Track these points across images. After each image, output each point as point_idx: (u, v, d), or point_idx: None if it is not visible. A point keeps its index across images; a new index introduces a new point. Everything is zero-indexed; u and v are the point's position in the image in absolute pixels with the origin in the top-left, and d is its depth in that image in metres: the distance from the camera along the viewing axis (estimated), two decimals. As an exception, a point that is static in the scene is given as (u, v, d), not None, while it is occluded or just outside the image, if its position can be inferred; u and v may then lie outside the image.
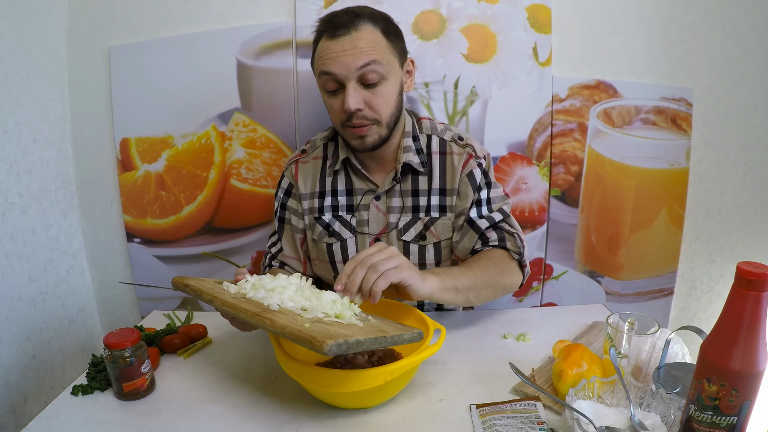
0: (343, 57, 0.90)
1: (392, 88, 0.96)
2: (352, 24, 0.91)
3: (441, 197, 1.04)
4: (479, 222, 1.02)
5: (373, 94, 0.93)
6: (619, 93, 1.33)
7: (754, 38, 1.31)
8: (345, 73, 0.91)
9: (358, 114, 0.93)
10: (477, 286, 0.92)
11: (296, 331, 0.65)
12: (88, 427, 0.75)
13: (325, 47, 0.92)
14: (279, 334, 0.67)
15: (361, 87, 0.93)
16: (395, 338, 0.70)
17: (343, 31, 0.90)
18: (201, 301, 0.80)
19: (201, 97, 1.31)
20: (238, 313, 0.73)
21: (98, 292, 1.45)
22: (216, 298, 0.77)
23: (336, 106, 0.95)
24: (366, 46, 0.91)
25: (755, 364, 0.56)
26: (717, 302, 1.50)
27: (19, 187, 1.16)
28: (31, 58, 1.19)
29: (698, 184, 1.40)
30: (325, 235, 1.07)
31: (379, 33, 0.93)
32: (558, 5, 1.27)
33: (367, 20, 0.92)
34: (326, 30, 0.93)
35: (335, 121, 0.99)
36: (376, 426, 0.74)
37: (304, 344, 0.63)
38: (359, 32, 0.91)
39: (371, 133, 0.96)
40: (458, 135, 1.06)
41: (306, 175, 1.09)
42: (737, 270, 0.56)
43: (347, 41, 0.90)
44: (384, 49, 0.93)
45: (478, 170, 1.03)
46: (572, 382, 0.75)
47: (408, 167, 1.03)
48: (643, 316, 0.78)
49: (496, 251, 1.00)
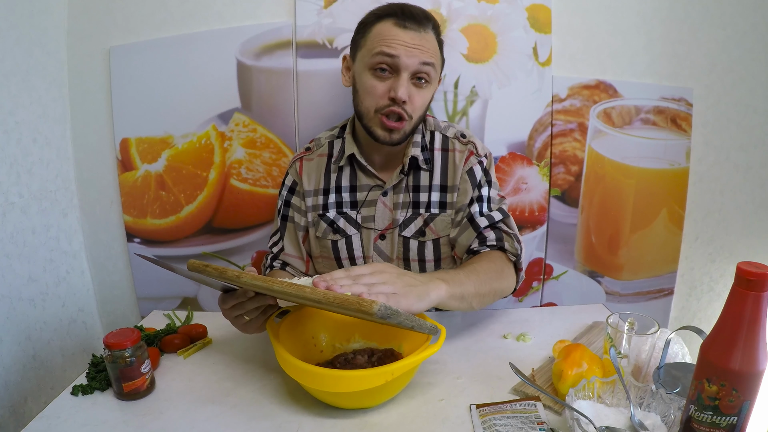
0: (411, 48, 0.93)
1: (430, 93, 1.00)
2: (422, 24, 0.94)
3: (441, 194, 1.04)
4: (479, 220, 1.01)
5: (418, 93, 0.96)
6: (619, 93, 1.33)
7: (754, 38, 1.31)
8: (408, 62, 0.93)
9: (402, 105, 0.95)
10: (480, 293, 0.91)
11: (341, 296, 0.64)
12: (88, 427, 0.75)
13: (391, 31, 0.93)
14: (320, 303, 0.65)
15: (411, 82, 0.95)
16: (420, 323, 0.72)
17: (414, 26, 0.93)
18: (222, 281, 0.76)
19: (201, 97, 1.31)
20: (272, 285, 0.69)
21: (98, 292, 1.45)
22: (244, 274, 0.73)
23: (380, 89, 0.95)
24: (431, 49, 0.95)
25: (755, 364, 0.56)
26: (717, 302, 1.50)
27: (19, 187, 1.16)
28: (31, 58, 1.19)
29: (698, 184, 1.40)
30: (330, 232, 1.07)
31: (436, 43, 0.98)
32: (558, 5, 1.27)
33: (432, 27, 0.97)
34: (395, 17, 0.94)
35: (370, 104, 0.97)
36: (376, 426, 0.74)
37: (349, 308, 0.62)
38: (427, 34, 0.95)
39: (401, 129, 0.97)
40: (461, 132, 1.07)
41: (310, 172, 1.09)
42: (737, 270, 0.56)
43: (416, 36, 0.93)
44: (438, 59, 0.99)
45: (479, 167, 1.04)
46: (572, 382, 0.75)
47: (413, 162, 1.04)
48: (643, 316, 0.78)
49: (495, 254, 1.00)
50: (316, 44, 1.27)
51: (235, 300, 0.82)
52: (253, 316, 0.85)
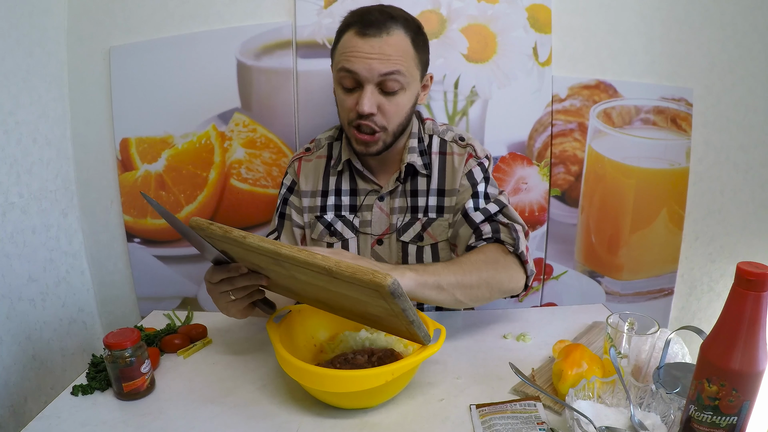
0: (369, 59, 0.88)
1: (408, 99, 0.95)
2: (385, 26, 0.88)
3: (439, 198, 1.03)
4: (474, 215, 0.98)
5: (389, 102, 0.92)
6: (619, 93, 1.33)
7: (754, 38, 1.31)
8: (367, 75, 0.89)
9: (369, 118, 0.92)
10: (466, 283, 0.87)
11: (354, 266, 0.62)
12: (88, 427, 0.75)
13: (351, 43, 0.90)
14: (332, 271, 0.63)
15: (379, 92, 0.92)
16: (419, 321, 0.71)
17: (374, 32, 0.88)
18: (228, 239, 0.71)
19: (201, 97, 1.31)
20: (280, 249, 0.66)
21: (98, 292, 1.45)
22: (251, 235, 0.69)
23: (348, 103, 0.94)
24: (394, 54, 0.89)
25: (755, 364, 0.56)
26: (717, 302, 1.50)
27: (19, 187, 1.16)
28: (31, 58, 1.19)
29: (698, 184, 1.40)
30: (326, 235, 1.07)
31: (409, 42, 0.91)
32: (558, 5, 1.27)
33: (400, 25, 0.90)
34: (356, 25, 0.90)
35: (343, 117, 0.97)
36: (376, 426, 0.74)
37: (362, 278, 0.61)
38: (390, 37, 0.89)
39: (376, 142, 0.96)
40: (459, 135, 1.05)
41: (308, 172, 1.09)
42: (737, 270, 0.56)
43: (376, 44, 0.88)
44: (410, 60, 0.92)
45: (478, 169, 1.02)
46: (572, 382, 0.75)
47: (411, 168, 1.03)
48: (643, 316, 0.78)
49: (490, 246, 0.95)
50: (316, 44, 1.27)
51: (225, 273, 0.79)
52: (239, 297, 0.82)
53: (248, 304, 0.84)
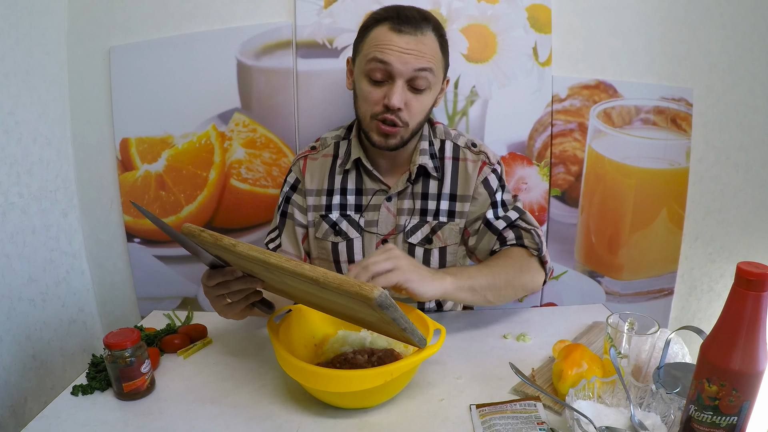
0: (405, 54, 0.90)
1: (431, 98, 0.97)
2: (419, 26, 0.91)
3: (451, 202, 1.04)
4: (496, 223, 1.03)
5: (415, 99, 0.94)
6: (619, 93, 1.33)
7: (754, 38, 1.31)
8: (402, 69, 0.91)
9: (396, 112, 0.93)
10: (496, 285, 0.92)
11: (341, 277, 0.61)
12: (88, 427, 0.75)
13: (386, 36, 0.91)
14: (319, 281, 0.63)
15: (408, 88, 0.93)
16: (412, 327, 0.71)
17: (410, 29, 0.90)
18: (217, 249, 0.73)
19: (201, 97, 1.31)
20: (269, 258, 0.66)
21: (98, 292, 1.45)
22: (240, 243, 0.69)
23: (375, 96, 0.94)
24: (428, 53, 0.92)
25: (755, 364, 0.56)
26: (717, 302, 1.50)
27: (19, 187, 1.16)
28: (31, 58, 1.19)
29: (698, 184, 1.40)
30: (331, 234, 1.07)
31: (437, 45, 0.94)
32: (558, 5, 1.27)
33: (432, 28, 0.93)
34: (391, 21, 0.91)
35: (366, 110, 0.97)
36: (376, 426, 0.74)
37: (348, 290, 0.60)
38: (424, 37, 0.91)
39: (396, 135, 0.96)
40: (471, 141, 1.07)
41: (314, 171, 1.09)
42: (737, 270, 0.56)
43: (412, 40, 0.90)
44: (438, 61, 0.95)
45: (494, 176, 1.05)
46: (572, 382, 0.75)
47: (422, 170, 1.03)
48: (643, 316, 0.78)
49: (514, 249, 1.01)
50: (316, 44, 1.27)
51: (221, 277, 0.80)
52: (236, 299, 0.83)
53: (246, 305, 0.85)
